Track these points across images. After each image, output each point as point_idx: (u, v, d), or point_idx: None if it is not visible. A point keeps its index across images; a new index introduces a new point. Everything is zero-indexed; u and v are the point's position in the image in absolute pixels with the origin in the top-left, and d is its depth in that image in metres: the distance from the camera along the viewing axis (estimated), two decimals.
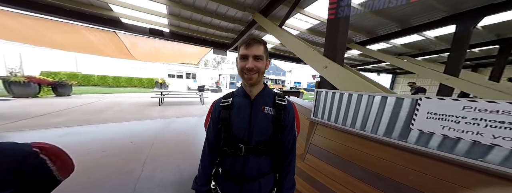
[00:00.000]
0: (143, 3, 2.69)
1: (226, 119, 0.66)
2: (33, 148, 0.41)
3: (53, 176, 0.42)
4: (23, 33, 3.68)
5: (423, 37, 3.96)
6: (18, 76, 5.47)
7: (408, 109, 1.01)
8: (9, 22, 3.18)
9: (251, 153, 0.64)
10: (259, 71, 0.61)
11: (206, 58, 42.34)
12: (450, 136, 0.85)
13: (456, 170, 0.82)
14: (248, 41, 0.59)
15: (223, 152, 0.68)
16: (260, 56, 0.60)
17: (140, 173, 1.76)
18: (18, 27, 3.34)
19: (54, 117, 3.64)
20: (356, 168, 1.19)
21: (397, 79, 12.33)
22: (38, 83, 5.82)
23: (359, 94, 1.30)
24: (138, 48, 5.04)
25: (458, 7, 2.51)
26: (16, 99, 5.05)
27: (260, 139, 0.64)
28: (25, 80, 5.43)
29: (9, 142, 0.41)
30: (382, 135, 1.13)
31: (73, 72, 12.23)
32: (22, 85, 5.39)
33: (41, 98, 5.70)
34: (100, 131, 2.99)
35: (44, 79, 6.07)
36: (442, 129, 0.87)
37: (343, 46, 1.69)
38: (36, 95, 5.78)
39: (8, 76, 5.38)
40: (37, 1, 2.57)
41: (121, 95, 8.16)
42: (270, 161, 0.68)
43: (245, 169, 0.64)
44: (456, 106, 0.83)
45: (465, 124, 0.80)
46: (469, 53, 5.14)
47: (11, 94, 5.37)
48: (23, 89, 5.46)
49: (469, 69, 7.76)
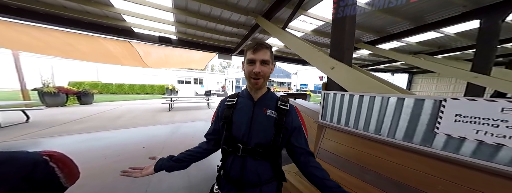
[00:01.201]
0: (152, 12, 2.85)
1: (228, 118, 0.68)
2: (43, 156, 0.43)
3: (60, 183, 0.44)
4: (54, 46, 4.08)
5: (442, 34, 3.65)
6: (49, 87, 6.03)
7: (430, 111, 0.89)
8: (42, 36, 3.56)
9: (248, 155, 0.64)
10: (265, 75, 0.64)
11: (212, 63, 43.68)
12: (488, 142, 0.71)
13: (500, 181, 0.67)
14: (256, 46, 0.61)
15: (223, 151, 0.69)
16: (267, 61, 0.62)
17: (150, 178, 1.81)
18: (49, 40, 3.74)
19: (78, 124, 3.98)
20: (371, 175, 1.07)
21: (414, 79, 11.45)
22: (65, 93, 6.32)
23: (371, 96, 1.19)
24: (150, 56, 5.33)
25: (480, 1, 2.29)
26: (47, 108, 5.53)
27: (260, 141, 0.64)
28: (55, 90, 5.95)
29: (21, 151, 0.43)
30: (401, 139, 1.00)
31: (94, 81, 13.23)
32: (53, 95, 5.90)
33: (67, 107, 6.19)
34: (115, 136, 3.18)
35: (71, 89, 6.60)
36: (476, 133, 0.73)
37: (350, 46, 1.60)
38: (63, 104, 6.28)
39: (42, 87, 5.95)
40: (62, 16, 2.87)
41: (135, 102, 8.59)
42: (270, 167, 0.67)
43: (243, 171, 0.64)
44: (492, 107, 0.69)
45: (507, 129, 0.66)
46: (500, 49, 4.63)
47: (44, 103, 5.89)
48: (54, 98, 5.97)
49: (503, 66, 6.95)
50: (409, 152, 0.96)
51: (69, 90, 6.48)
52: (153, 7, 2.52)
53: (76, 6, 2.60)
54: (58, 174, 0.44)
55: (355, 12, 1.55)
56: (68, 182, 0.46)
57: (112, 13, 2.84)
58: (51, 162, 0.44)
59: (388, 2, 1.59)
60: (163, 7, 2.59)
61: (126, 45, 4.25)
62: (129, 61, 5.88)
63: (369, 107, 1.19)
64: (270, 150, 0.64)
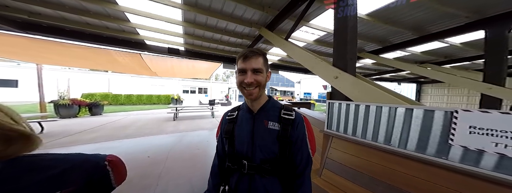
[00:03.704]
0: (163, 25, 3.06)
1: (229, 133, 0.64)
2: (105, 161, 0.48)
3: (111, 183, 0.48)
4: (74, 59, 4.43)
5: (446, 44, 3.64)
6: (65, 99, 6.33)
7: (441, 122, 0.85)
8: (65, 51, 3.90)
9: (255, 172, 0.58)
10: (260, 84, 0.57)
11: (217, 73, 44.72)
12: (510, 155, 0.65)
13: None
14: (246, 54, 0.56)
15: (228, 169, 0.64)
16: (259, 69, 0.56)
17: (155, 188, 1.81)
18: (69, 54, 4.09)
19: (88, 134, 4.07)
20: (384, 186, 1.00)
21: (423, 89, 11.11)
22: (78, 105, 6.60)
23: (377, 106, 1.16)
24: (158, 66, 5.61)
25: (484, 12, 2.30)
26: (61, 120, 5.73)
27: (264, 157, 0.58)
28: (70, 102, 6.24)
29: (96, 154, 0.50)
30: (413, 150, 0.95)
31: (105, 93, 13.72)
32: (67, 107, 6.17)
33: (79, 118, 6.39)
34: (122, 146, 3.23)
35: (83, 101, 6.88)
36: (495, 146, 0.68)
37: (353, 56, 1.61)
38: (76, 115, 6.52)
39: (57, 100, 6.27)
40: (84, 31, 3.15)
41: (142, 112, 8.74)
42: (279, 183, 0.59)
43: (251, 189, 0.59)
44: (508, 120, 0.66)
45: None
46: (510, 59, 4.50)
47: (58, 115, 6.14)
48: (67, 110, 6.22)
49: None
50: (422, 164, 0.90)
51: (82, 102, 6.75)
52: (165, 21, 2.71)
53: (98, 22, 2.85)
54: (111, 176, 0.48)
55: (356, 22, 1.59)
56: (117, 183, 0.50)
57: (127, 28, 3.07)
58: (109, 166, 0.48)
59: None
60: (174, 21, 2.78)
61: (136, 58, 4.50)
62: (138, 70, 6.18)
63: (377, 118, 1.16)
64: (277, 165, 0.58)
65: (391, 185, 0.98)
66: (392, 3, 2.17)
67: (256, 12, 2.53)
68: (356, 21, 1.61)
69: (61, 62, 4.74)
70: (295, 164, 0.60)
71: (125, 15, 2.62)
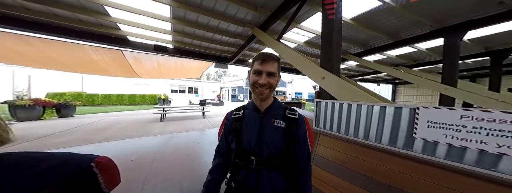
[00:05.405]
0: (149, 22, 2.88)
1: (236, 131, 0.67)
2: (93, 162, 0.44)
3: (100, 187, 0.45)
4: (31, 56, 3.70)
5: (416, 49, 4.12)
6: (24, 99, 5.48)
7: (407, 118, 1.01)
8: (17, 46, 3.22)
9: (263, 167, 0.63)
10: (271, 86, 0.64)
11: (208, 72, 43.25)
12: (455, 145, 0.83)
13: (471, 181, 0.78)
14: (264, 58, 0.62)
15: (235, 165, 0.67)
16: (273, 73, 0.63)
17: (143, 189, 1.72)
18: (25, 50, 3.39)
19: (54, 138, 3.59)
20: (364, 179, 1.13)
21: (398, 89, 12.42)
22: (43, 106, 5.79)
23: (358, 104, 1.31)
24: (142, 65, 5.12)
25: (443, 22, 2.68)
26: (19, 123, 5.03)
27: (271, 152, 0.64)
28: (31, 103, 5.41)
29: (86, 155, 0.46)
30: (387, 144, 1.10)
31: (78, 92, 12.29)
32: (27, 108, 5.34)
33: (44, 120, 5.65)
34: (99, 149, 2.96)
35: (49, 101, 6.07)
36: (445, 137, 0.85)
37: (338, 58, 1.76)
38: (39, 117, 5.72)
39: (14, 100, 5.39)
40: (49, 23, 2.70)
41: (123, 113, 8.12)
42: (283, 178, 0.65)
43: (258, 183, 0.63)
44: (453, 115, 0.83)
45: (467, 133, 0.79)
46: (462, 64, 5.27)
47: (15, 118, 5.31)
48: (27, 112, 5.39)
49: (467, 79, 7.86)
50: (394, 156, 1.05)
51: (47, 102, 5.93)
52: (151, 17, 2.56)
53: (70, 14, 2.51)
54: (99, 179, 0.44)
55: (341, 26, 1.74)
56: (108, 187, 0.46)
57: (107, 22, 2.79)
58: (96, 168, 0.44)
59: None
60: (161, 17, 2.65)
61: (116, 55, 4.06)
62: (117, 72, 5.54)
63: (357, 115, 1.31)
64: (283, 160, 0.64)
65: (370, 178, 1.10)
66: (374, 9, 2.41)
67: (249, 12, 2.56)
68: (341, 25, 1.75)
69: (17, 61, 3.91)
70: (297, 160, 0.67)
71: (104, 8, 2.38)
